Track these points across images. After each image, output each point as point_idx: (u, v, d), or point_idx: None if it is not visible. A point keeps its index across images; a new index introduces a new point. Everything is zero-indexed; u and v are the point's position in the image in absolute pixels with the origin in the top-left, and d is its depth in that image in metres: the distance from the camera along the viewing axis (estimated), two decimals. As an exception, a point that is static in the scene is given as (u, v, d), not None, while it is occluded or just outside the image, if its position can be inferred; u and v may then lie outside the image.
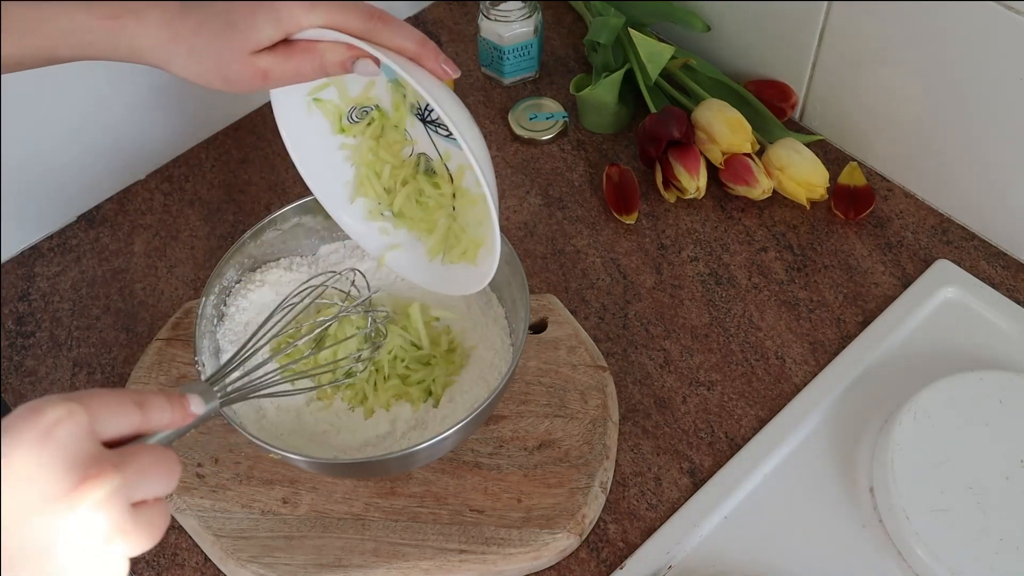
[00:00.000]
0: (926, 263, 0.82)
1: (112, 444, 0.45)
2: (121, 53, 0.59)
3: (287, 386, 0.69)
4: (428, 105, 0.63)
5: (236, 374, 0.62)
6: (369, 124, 0.67)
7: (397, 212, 0.70)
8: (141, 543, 0.44)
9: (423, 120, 0.65)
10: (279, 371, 0.67)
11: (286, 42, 0.58)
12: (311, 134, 0.67)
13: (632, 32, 0.88)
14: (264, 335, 0.63)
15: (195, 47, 0.57)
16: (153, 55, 0.58)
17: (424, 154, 0.67)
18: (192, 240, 0.88)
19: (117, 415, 0.45)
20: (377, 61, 0.58)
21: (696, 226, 0.86)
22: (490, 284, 0.74)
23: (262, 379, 0.61)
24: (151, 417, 0.47)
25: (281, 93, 0.65)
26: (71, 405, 0.43)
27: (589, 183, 0.90)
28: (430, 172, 0.68)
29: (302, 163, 0.68)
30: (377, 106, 0.67)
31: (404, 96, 0.65)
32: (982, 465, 0.68)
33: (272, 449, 0.62)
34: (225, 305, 0.72)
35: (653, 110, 0.89)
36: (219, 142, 0.95)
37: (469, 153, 0.57)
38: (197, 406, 0.52)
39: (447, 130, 0.63)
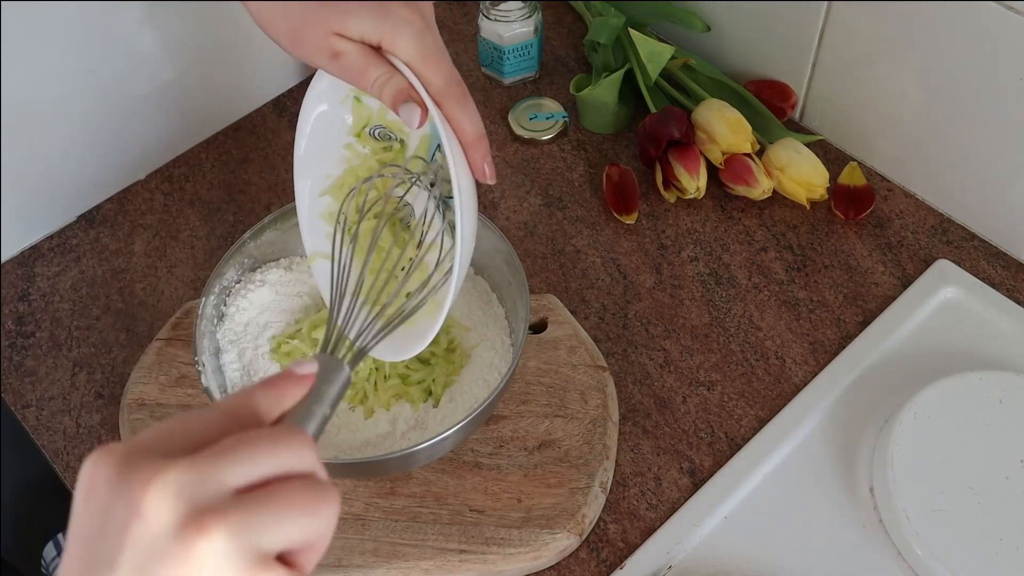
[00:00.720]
0: (926, 263, 0.82)
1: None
2: None
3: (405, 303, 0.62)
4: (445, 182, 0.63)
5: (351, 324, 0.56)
6: (385, 150, 0.67)
7: (353, 233, 0.65)
8: (306, 523, 0.37)
9: (432, 184, 0.65)
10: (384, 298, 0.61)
11: (370, 47, 0.58)
12: (331, 119, 0.67)
13: (632, 32, 0.88)
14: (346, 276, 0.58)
15: None
16: None
17: (410, 206, 0.66)
18: (192, 240, 0.88)
19: (251, 460, 0.37)
20: (425, 116, 0.57)
21: (696, 226, 0.86)
22: (490, 284, 0.75)
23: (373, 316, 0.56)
24: (284, 395, 0.41)
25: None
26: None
27: (589, 183, 0.90)
28: (404, 225, 0.66)
29: (302, 135, 0.67)
30: (402, 141, 0.66)
31: (432, 160, 0.64)
32: (982, 465, 0.68)
33: (272, 449, 0.61)
34: (225, 305, 0.72)
35: (653, 110, 0.89)
36: (219, 142, 0.95)
37: (458, 256, 0.56)
38: (304, 368, 0.44)
39: (445, 205, 0.63)
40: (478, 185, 0.62)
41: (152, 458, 0.37)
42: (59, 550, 0.88)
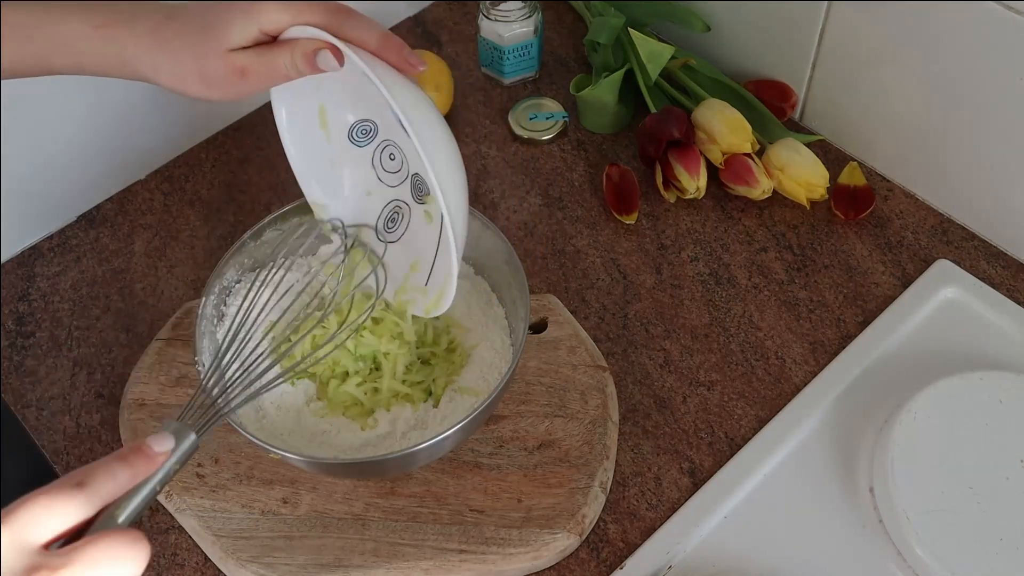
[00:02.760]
0: (926, 263, 0.82)
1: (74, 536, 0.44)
2: (110, 63, 0.59)
3: (273, 375, 0.66)
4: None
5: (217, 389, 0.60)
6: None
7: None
8: None
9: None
10: (265, 363, 0.65)
11: (266, 43, 0.59)
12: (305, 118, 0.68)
13: (632, 32, 0.88)
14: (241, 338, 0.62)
15: (177, 51, 0.58)
16: (141, 63, 0.59)
17: (418, 175, 0.67)
18: (192, 240, 0.88)
19: (49, 513, 0.43)
20: (339, 53, 0.58)
21: (696, 226, 0.86)
22: (490, 284, 0.75)
23: (246, 380, 0.59)
24: (98, 492, 0.45)
25: (288, 95, 0.65)
26: None
27: (589, 183, 0.90)
28: (419, 193, 0.68)
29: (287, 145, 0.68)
30: (376, 124, 0.67)
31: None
32: (982, 465, 0.68)
33: (272, 449, 0.61)
34: (225, 305, 0.72)
35: (653, 110, 0.89)
36: (219, 142, 0.95)
37: (422, 152, 0.57)
38: (163, 444, 0.49)
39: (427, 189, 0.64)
40: (474, 188, 0.62)
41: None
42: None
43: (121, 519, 0.47)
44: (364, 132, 0.68)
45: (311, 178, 0.70)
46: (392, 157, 0.68)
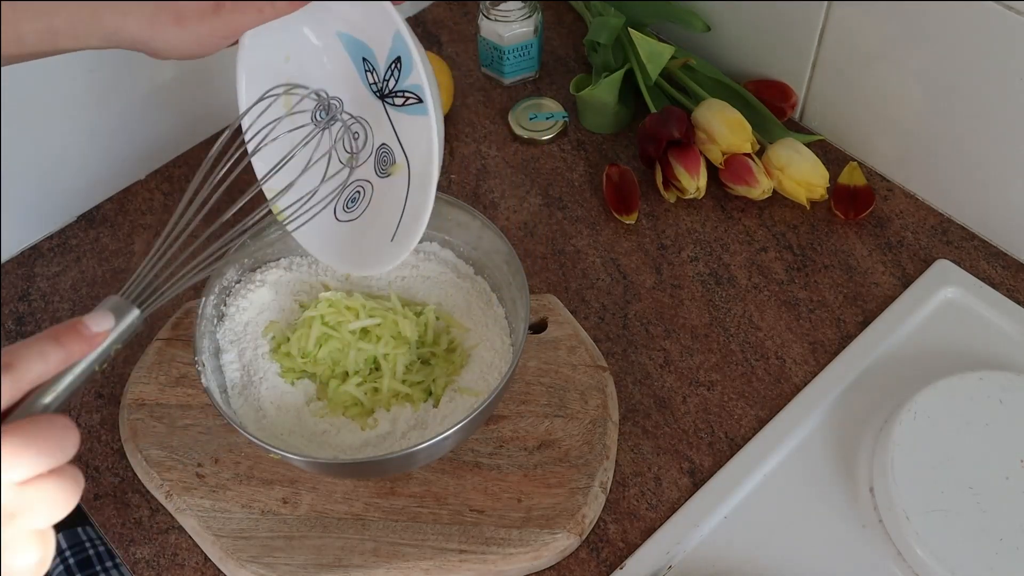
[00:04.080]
0: (926, 263, 0.82)
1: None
2: (80, 19, 0.57)
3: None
4: (386, 75, 0.64)
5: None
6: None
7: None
8: (44, 518, 0.41)
9: (382, 96, 0.65)
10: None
11: None
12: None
13: (632, 32, 0.88)
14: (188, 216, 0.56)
15: None
16: (111, 9, 0.57)
17: (385, 144, 0.66)
18: (192, 240, 0.88)
19: None
20: None
21: (696, 226, 0.86)
22: (490, 284, 0.75)
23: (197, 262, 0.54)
24: (25, 374, 0.42)
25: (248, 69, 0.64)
26: None
27: (589, 183, 0.90)
28: (383, 166, 0.67)
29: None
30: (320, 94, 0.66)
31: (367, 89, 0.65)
32: (982, 465, 0.68)
33: (272, 449, 0.61)
34: (225, 305, 0.72)
35: (653, 110, 0.89)
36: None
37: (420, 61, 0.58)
38: (101, 323, 0.45)
39: (406, 99, 0.63)
40: (474, 188, 0.62)
41: None
42: (59, 550, 0.88)
43: (47, 400, 0.44)
44: (326, 110, 0.67)
45: (264, 157, 0.68)
46: (356, 136, 0.67)
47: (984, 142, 0.79)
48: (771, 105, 0.91)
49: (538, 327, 0.77)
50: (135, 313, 0.47)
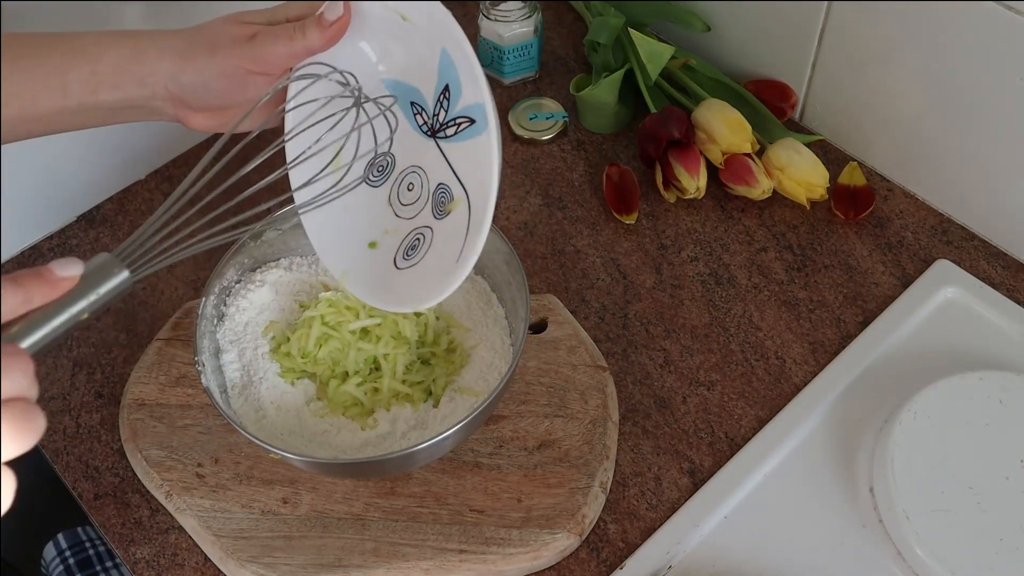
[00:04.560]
0: (926, 263, 0.82)
1: None
2: (123, 65, 0.59)
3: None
4: (435, 109, 0.62)
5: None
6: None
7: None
8: (11, 447, 0.40)
9: (433, 134, 0.64)
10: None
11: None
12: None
13: (632, 32, 0.88)
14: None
15: (191, 31, 0.58)
16: (152, 56, 0.59)
17: (441, 184, 0.64)
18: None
19: None
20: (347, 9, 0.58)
21: (696, 226, 0.86)
22: (490, 284, 0.75)
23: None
24: None
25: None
26: None
27: (589, 183, 0.90)
28: (441, 206, 0.65)
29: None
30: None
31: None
32: (982, 465, 0.68)
33: (272, 449, 0.62)
34: (225, 305, 0.72)
35: (653, 110, 0.89)
36: (219, 142, 0.95)
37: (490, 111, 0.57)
38: (67, 268, 0.43)
39: (458, 127, 0.62)
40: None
41: None
42: (59, 550, 0.88)
43: (24, 345, 0.42)
44: (380, 170, 0.66)
45: (324, 238, 0.67)
46: (411, 187, 0.66)
47: (984, 142, 0.79)
48: (771, 105, 0.91)
49: (538, 327, 0.77)
50: (124, 275, 0.45)
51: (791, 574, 0.67)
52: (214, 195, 0.58)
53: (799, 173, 0.84)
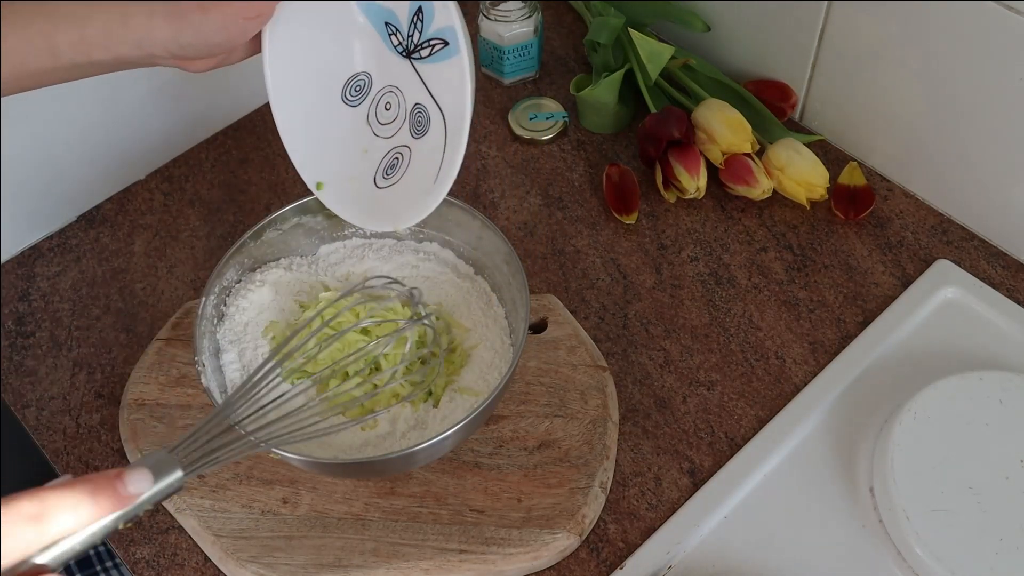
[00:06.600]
0: (926, 263, 0.82)
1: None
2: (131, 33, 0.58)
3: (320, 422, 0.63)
4: (409, 30, 0.64)
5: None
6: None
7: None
8: None
9: (408, 55, 0.66)
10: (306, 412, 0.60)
11: None
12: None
13: (632, 32, 0.88)
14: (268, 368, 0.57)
15: None
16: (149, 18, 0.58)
17: (418, 104, 0.67)
18: (192, 240, 0.88)
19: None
20: None
21: (696, 226, 0.86)
22: (490, 284, 0.75)
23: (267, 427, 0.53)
24: (51, 529, 0.40)
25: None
26: None
27: (589, 183, 0.90)
28: (419, 125, 0.68)
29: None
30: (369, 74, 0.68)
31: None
32: (982, 465, 0.68)
33: (272, 449, 0.61)
34: (225, 305, 0.72)
35: (653, 110, 0.89)
36: (219, 142, 0.95)
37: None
38: (138, 484, 0.42)
39: (432, 48, 0.64)
40: (474, 188, 0.62)
41: None
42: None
43: (46, 560, 0.40)
44: (357, 89, 0.68)
45: (303, 153, 0.69)
46: (388, 107, 0.68)
47: (984, 142, 0.79)
48: (771, 105, 0.91)
49: (538, 327, 0.77)
50: (177, 475, 0.45)
51: (791, 574, 0.67)
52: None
53: (799, 173, 0.84)
